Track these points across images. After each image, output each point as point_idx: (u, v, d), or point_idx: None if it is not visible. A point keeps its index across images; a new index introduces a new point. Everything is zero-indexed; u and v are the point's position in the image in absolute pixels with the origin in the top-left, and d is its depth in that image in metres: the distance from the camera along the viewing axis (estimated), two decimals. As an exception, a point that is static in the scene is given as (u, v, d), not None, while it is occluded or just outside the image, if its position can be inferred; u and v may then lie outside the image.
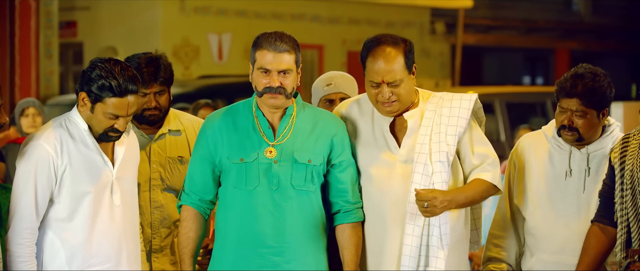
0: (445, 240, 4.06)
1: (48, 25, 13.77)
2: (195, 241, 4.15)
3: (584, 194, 4.31)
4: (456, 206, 4.07)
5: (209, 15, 16.63)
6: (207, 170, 4.13)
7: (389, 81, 4.05)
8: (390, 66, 4.05)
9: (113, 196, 4.05)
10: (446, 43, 19.76)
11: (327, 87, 4.69)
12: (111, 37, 16.44)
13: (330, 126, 4.13)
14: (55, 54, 14.02)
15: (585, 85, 4.19)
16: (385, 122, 4.18)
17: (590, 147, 4.32)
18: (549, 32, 21.83)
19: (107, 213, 4.03)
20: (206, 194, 4.16)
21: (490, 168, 4.14)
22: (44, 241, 3.99)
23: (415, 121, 4.16)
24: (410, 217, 4.06)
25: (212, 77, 13.57)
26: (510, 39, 21.56)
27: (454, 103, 4.17)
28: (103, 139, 4.02)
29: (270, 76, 3.99)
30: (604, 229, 4.17)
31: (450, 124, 4.13)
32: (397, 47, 4.07)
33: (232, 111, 4.16)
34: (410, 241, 4.06)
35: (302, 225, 4.05)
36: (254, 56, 4.04)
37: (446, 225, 4.07)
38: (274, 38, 4.00)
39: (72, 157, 3.97)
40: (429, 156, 4.08)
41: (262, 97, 4.03)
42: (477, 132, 4.21)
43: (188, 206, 4.16)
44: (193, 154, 4.19)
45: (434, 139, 4.11)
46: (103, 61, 3.96)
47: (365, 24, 18.15)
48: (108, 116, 3.96)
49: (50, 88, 13.87)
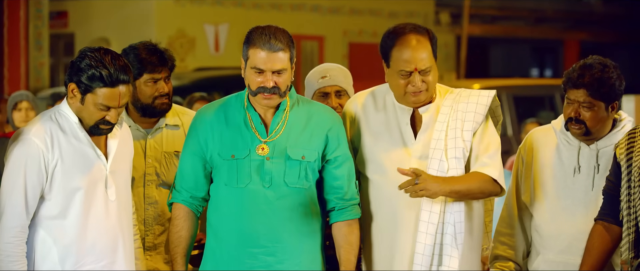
0: (460, 239, 4.08)
1: (38, 16, 13.75)
2: (187, 240, 4.15)
3: (593, 192, 4.31)
4: (451, 189, 4.03)
5: (205, 5, 16.60)
6: (198, 166, 4.13)
7: (421, 69, 4.09)
8: (421, 53, 4.09)
9: (108, 191, 4.03)
10: (451, 34, 19.75)
11: (321, 80, 4.68)
12: (103, 28, 16.43)
13: (324, 120, 4.13)
14: (45, 46, 14.00)
15: (592, 75, 4.19)
16: (404, 115, 4.19)
17: (599, 143, 4.32)
18: (558, 22, 21.80)
19: (102, 209, 4.01)
20: (198, 191, 4.15)
21: (492, 162, 4.12)
22: (35, 239, 3.96)
23: (431, 116, 4.18)
24: (424, 215, 4.08)
25: (209, 70, 13.57)
26: (517, 29, 21.54)
27: (472, 99, 4.19)
28: (94, 132, 4.00)
29: (264, 76, 3.98)
30: (608, 228, 4.15)
31: (466, 120, 4.15)
32: (423, 35, 4.12)
33: (224, 105, 4.16)
34: (424, 239, 4.07)
35: (296, 224, 4.05)
36: (247, 53, 4.02)
37: (461, 224, 4.08)
38: (268, 36, 3.98)
39: (63, 151, 3.95)
40: (445, 152, 4.10)
41: (256, 96, 4.03)
42: (490, 130, 4.21)
43: (179, 204, 4.16)
44: (183, 149, 4.19)
45: (449, 135, 4.13)
46: (93, 50, 3.94)
47: (367, 15, 18.12)
48: (99, 107, 3.93)
49: (40, 81, 13.86)
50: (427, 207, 4.08)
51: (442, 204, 4.09)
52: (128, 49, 4.55)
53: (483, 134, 4.17)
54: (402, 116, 4.19)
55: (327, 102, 4.60)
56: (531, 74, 23.99)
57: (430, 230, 4.07)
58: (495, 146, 4.18)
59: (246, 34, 4.06)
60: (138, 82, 4.52)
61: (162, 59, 4.53)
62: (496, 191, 4.15)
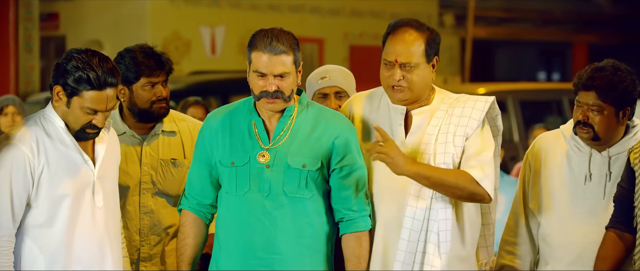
0: (444, 247, 4.02)
1: (28, 17, 13.75)
2: (193, 247, 4.17)
3: (604, 200, 4.29)
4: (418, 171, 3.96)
5: (201, 6, 16.64)
6: (204, 173, 4.15)
7: (402, 62, 4.06)
8: (407, 47, 4.06)
9: (95, 197, 4.03)
10: (455, 36, 19.79)
11: (321, 81, 4.68)
12: (96, 30, 16.46)
13: (333, 127, 4.10)
14: (35, 48, 14.01)
15: (603, 78, 4.18)
16: (397, 116, 4.16)
17: (611, 149, 4.29)
18: (566, 24, 21.86)
19: (89, 216, 4.01)
20: (204, 198, 4.18)
21: (479, 165, 4.03)
22: (21, 248, 3.96)
23: (423, 119, 4.14)
24: (407, 221, 4.04)
25: (205, 73, 13.58)
26: (524, 31, 21.57)
27: (468, 104, 4.15)
28: (80, 137, 3.99)
29: (266, 80, 3.98)
30: (621, 236, 4.15)
31: (459, 125, 4.10)
32: (420, 31, 4.10)
33: (233, 110, 4.16)
34: (405, 247, 4.04)
35: (296, 235, 4.02)
36: (250, 56, 4.02)
37: (446, 233, 4.03)
38: (270, 38, 3.96)
39: (49, 157, 3.94)
40: (433, 157, 4.07)
41: (260, 101, 4.02)
42: (485, 136, 4.13)
43: (187, 211, 4.21)
44: (193, 155, 4.23)
45: (440, 140, 4.09)
46: (80, 52, 3.94)
47: (368, 16, 18.16)
48: (85, 110, 3.93)
49: (30, 85, 13.86)
50: (410, 213, 4.03)
51: (428, 202, 4.04)
52: (124, 52, 4.55)
53: (477, 139, 4.10)
54: (395, 116, 4.17)
55: (327, 104, 4.60)
56: (538, 78, 24.04)
57: (413, 237, 4.03)
58: (488, 151, 4.09)
59: (250, 38, 4.08)
60: (135, 87, 4.51)
61: (160, 62, 4.54)
62: (480, 194, 4.03)
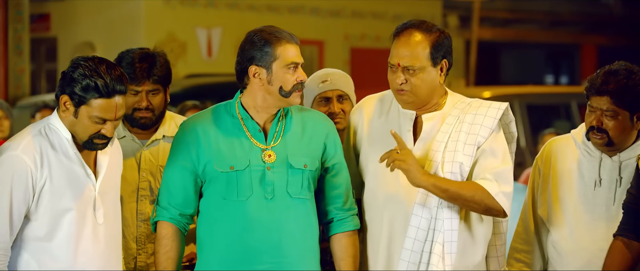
0: (449, 260, 4.03)
1: (18, 19, 13.77)
2: (176, 261, 4.11)
3: (614, 206, 4.31)
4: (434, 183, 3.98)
5: (197, 7, 16.62)
6: (188, 181, 4.10)
7: (404, 65, 4.07)
8: (410, 49, 4.07)
9: (96, 213, 3.99)
10: (460, 38, 19.77)
11: (322, 84, 4.72)
12: (88, 32, 16.44)
13: (320, 126, 4.16)
14: (26, 50, 14.03)
15: (618, 82, 4.19)
16: (406, 121, 4.17)
17: (622, 154, 4.32)
18: (574, 26, 21.85)
19: (90, 233, 3.97)
20: (187, 208, 4.12)
21: (495, 179, 4.04)
22: (17, 262, 3.93)
23: (433, 125, 4.15)
24: (411, 231, 4.06)
25: (201, 76, 13.57)
26: (531, 33, 21.57)
27: (480, 110, 4.14)
28: (88, 147, 3.96)
29: (299, 70, 4.07)
30: (629, 244, 4.16)
31: (471, 133, 4.10)
32: (426, 33, 4.09)
33: (213, 114, 4.15)
34: (408, 257, 4.06)
35: (300, 238, 4.05)
36: (274, 53, 4.02)
37: (451, 244, 4.04)
38: (286, 31, 4.06)
39: (52, 170, 3.91)
40: (441, 166, 4.07)
41: (290, 96, 4.06)
42: (499, 145, 4.12)
43: (166, 222, 4.11)
44: (169, 163, 4.15)
45: (449, 148, 4.09)
46: (86, 59, 3.91)
47: (369, 18, 18.14)
48: (94, 119, 3.90)
49: (20, 88, 13.87)
50: (415, 222, 4.05)
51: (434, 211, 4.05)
52: (123, 53, 4.53)
53: (490, 150, 4.10)
54: (404, 122, 4.18)
55: (329, 107, 4.65)
56: (546, 81, 24.02)
57: (416, 247, 4.05)
58: (505, 165, 4.09)
59: (263, 37, 4.04)
60: None
61: (143, 72, 4.47)
62: (496, 208, 4.05)
